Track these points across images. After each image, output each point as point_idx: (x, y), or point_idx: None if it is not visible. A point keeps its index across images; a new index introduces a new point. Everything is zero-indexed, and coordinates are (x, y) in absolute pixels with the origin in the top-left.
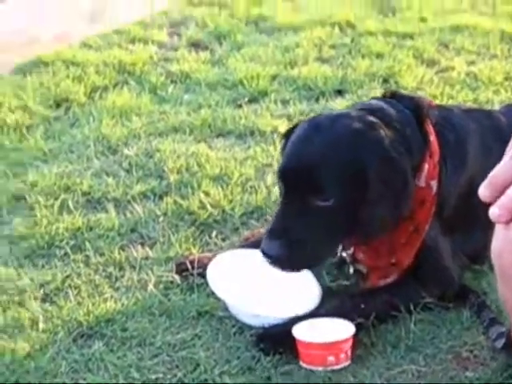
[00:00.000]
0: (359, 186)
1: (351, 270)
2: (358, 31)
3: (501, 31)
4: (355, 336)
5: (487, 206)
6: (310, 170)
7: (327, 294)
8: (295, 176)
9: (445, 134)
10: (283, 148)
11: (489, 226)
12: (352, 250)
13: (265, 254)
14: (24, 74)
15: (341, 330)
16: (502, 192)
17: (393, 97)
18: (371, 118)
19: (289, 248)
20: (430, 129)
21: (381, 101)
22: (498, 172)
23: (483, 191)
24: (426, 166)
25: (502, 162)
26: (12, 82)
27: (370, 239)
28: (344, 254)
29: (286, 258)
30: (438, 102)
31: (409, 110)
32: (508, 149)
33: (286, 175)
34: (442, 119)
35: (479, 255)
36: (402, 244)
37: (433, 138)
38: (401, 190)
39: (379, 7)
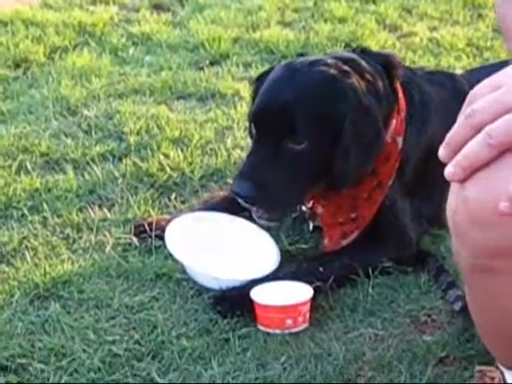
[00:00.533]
0: (333, 133)
1: (310, 227)
2: None
3: None
4: (313, 299)
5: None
6: (283, 112)
7: (286, 257)
8: (269, 117)
9: (411, 93)
10: (254, 91)
11: (447, 189)
12: (311, 204)
13: (236, 193)
14: None
15: (299, 293)
16: (458, 152)
17: (363, 53)
18: (346, 67)
19: (259, 189)
20: (398, 86)
21: (352, 53)
22: (454, 132)
23: (441, 152)
24: (394, 122)
25: (457, 123)
26: None
27: (340, 189)
28: (304, 208)
29: (257, 198)
30: None
31: (380, 66)
32: (463, 109)
33: (259, 116)
34: (408, 79)
35: (438, 219)
36: (365, 199)
37: (401, 94)
38: (373, 140)
39: None
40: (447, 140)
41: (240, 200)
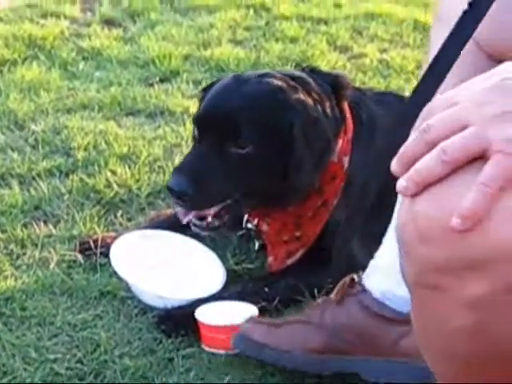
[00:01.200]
0: (280, 142)
1: (256, 246)
2: (273, 14)
3: (414, 20)
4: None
5: (394, 188)
6: (228, 117)
7: (232, 276)
8: (212, 121)
9: (359, 113)
10: (200, 100)
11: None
12: (256, 221)
13: (169, 189)
14: None
15: (244, 313)
16: (411, 166)
17: (312, 72)
18: (293, 83)
19: (195, 186)
20: (346, 106)
21: (301, 72)
22: (407, 147)
23: (394, 166)
24: (340, 142)
25: (411, 138)
26: None
27: (288, 204)
28: (249, 226)
29: (191, 195)
30: None
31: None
32: (417, 124)
33: (202, 119)
34: (357, 99)
35: None
36: (309, 218)
37: (348, 115)
38: (323, 153)
39: None
40: (400, 154)
41: (172, 196)
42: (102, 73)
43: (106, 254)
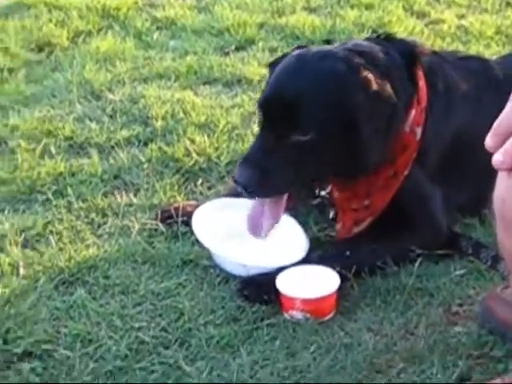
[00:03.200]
0: (343, 125)
1: (331, 214)
2: None
3: None
4: (340, 288)
5: (478, 158)
6: (289, 104)
7: (315, 244)
8: (274, 108)
9: (435, 81)
10: (269, 76)
11: (481, 179)
12: (329, 189)
13: (236, 181)
14: (6, 16)
15: (326, 282)
16: (506, 140)
17: (386, 39)
18: (357, 60)
19: (261, 178)
20: (420, 75)
21: (372, 42)
22: (501, 121)
23: (488, 141)
24: (413, 112)
25: (505, 110)
26: None
27: (361, 176)
28: (323, 193)
29: (257, 187)
30: None
31: (400, 54)
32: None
33: (266, 105)
34: (434, 66)
35: (469, 208)
36: (380, 187)
37: (422, 84)
38: (390, 128)
39: None
40: (494, 129)
41: (240, 189)
42: (177, 42)
43: (188, 223)
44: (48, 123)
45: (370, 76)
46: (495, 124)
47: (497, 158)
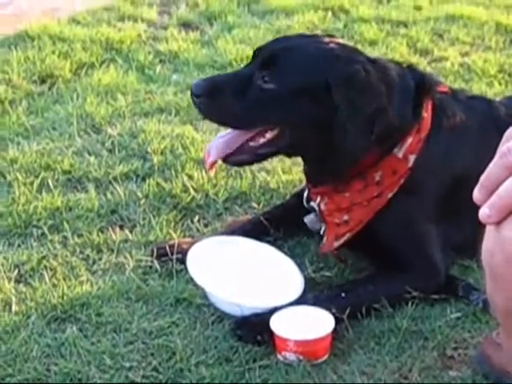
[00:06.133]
0: (317, 99)
1: (322, 229)
2: (352, 17)
3: (496, 22)
4: (334, 330)
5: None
6: (271, 52)
7: (310, 284)
8: (260, 54)
9: (441, 117)
10: None
11: (479, 219)
12: (318, 200)
13: (192, 85)
14: (9, 47)
15: (320, 324)
16: (493, 193)
17: (407, 67)
18: (361, 58)
19: (212, 96)
20: (428, 107)
21: (392, 64)
22: (488, 173)
23: (476, 194)
24: (410, 139)
25: (493, 162)
26: None
27: (342, 171)
28: (311, 204)
29: (205, 100)
30: None
31: (415, 82)
32: (499, 147)
33: (255, 52)
34: (444, 103)
35: (467, 248)
36: (362, 204)
37: (427, 115)
38: (374, 117)
39: None
40: (481, 182)
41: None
42: (180, 76)
43: (182, 260)
44: (47, 157)
45: (363, 69)
46: (483, 176)
47: (483, 212)
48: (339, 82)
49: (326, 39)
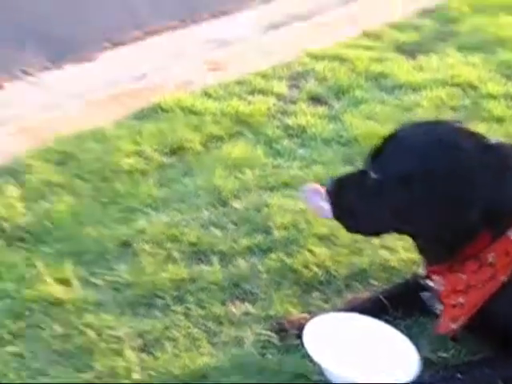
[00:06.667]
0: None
1: (438, 310)
2: (480, 93)
3: None
4: None
5: None
6: (381, 146)
7: (426, 364)
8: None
9: None
10: None
11: None
12: (435, 279)
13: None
14: (142, 119)
15: None
16: None
17: None
18: (468, 145)
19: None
20: None
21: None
22: None
23: None
24: None
25: None
26: (130, 127)
27: (456, 247)
28: (431, 284)
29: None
30: None
31: None
32: None
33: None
34: None
35: None
36: (476, 287)
37: None
38: (474, 199)
39: (504, 69)
40: None
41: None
42: (306, 150)
43: (300, 336)
44: (174, 228)
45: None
46: None
47: None
48: (435, 172)
49: (446, 125)
